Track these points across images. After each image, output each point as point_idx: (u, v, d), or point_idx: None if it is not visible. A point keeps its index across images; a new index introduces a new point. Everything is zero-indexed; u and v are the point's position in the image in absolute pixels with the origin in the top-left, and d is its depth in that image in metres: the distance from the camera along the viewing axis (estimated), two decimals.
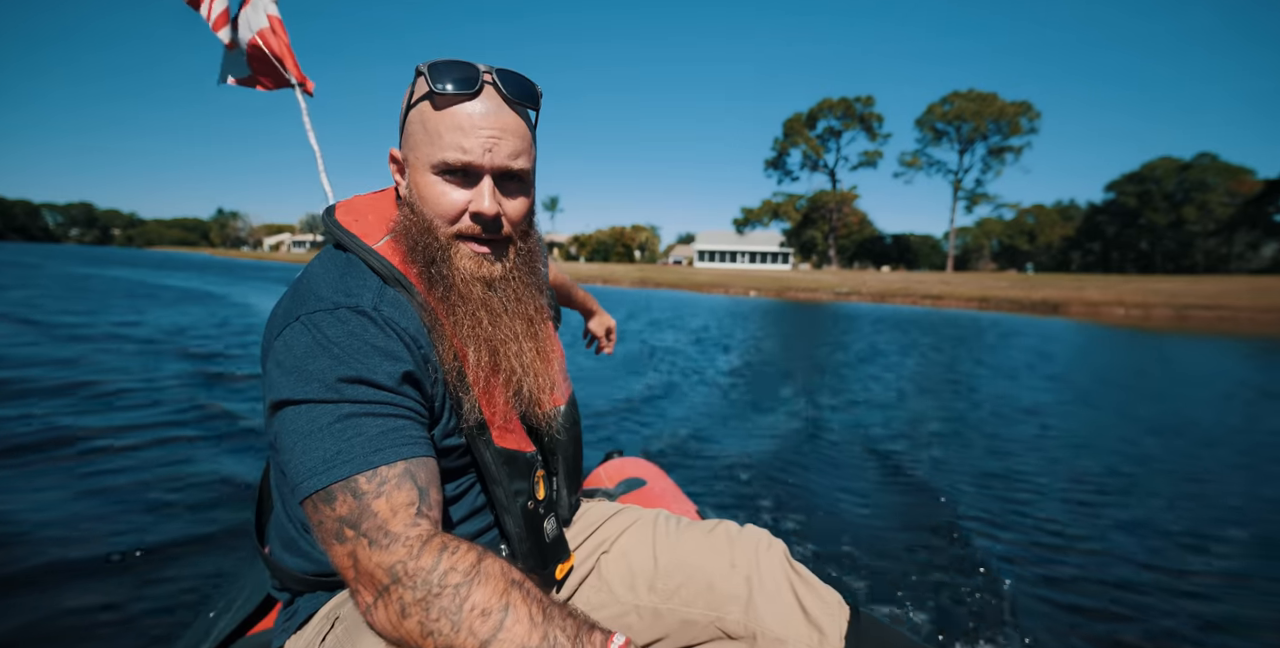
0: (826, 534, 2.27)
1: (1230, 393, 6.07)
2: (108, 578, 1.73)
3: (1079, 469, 3.25)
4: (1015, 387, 6.03)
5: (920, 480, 2.96)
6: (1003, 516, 2.54)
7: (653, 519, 0.89)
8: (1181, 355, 9.67)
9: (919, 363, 7.59)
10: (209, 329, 7.48)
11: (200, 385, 4.26)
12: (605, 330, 1.31)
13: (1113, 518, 2.55)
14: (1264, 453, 3.73)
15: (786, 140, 50.94)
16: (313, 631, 0.68)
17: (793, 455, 3.31)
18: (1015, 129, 45.31)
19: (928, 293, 24.73)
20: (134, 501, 2.23)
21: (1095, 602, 1.85)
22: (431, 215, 0.67)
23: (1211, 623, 1.75)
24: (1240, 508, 2.72)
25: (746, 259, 61.72)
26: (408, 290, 0.66)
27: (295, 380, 0.59)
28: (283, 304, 0.66)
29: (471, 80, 0.64)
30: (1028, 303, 21.93)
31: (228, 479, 2.49)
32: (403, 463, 0.58)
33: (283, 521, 0.72)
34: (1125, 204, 52.92)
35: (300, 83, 1.69)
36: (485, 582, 0.54)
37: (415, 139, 0.67)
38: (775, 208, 53.12)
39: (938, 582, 1.92)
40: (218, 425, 3.28)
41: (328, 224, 0.71)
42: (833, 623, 0.74)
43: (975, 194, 49.68)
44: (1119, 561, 2.13)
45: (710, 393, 5.18)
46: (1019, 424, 4.36)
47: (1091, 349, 10.50)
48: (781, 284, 30.37)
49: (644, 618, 0.80)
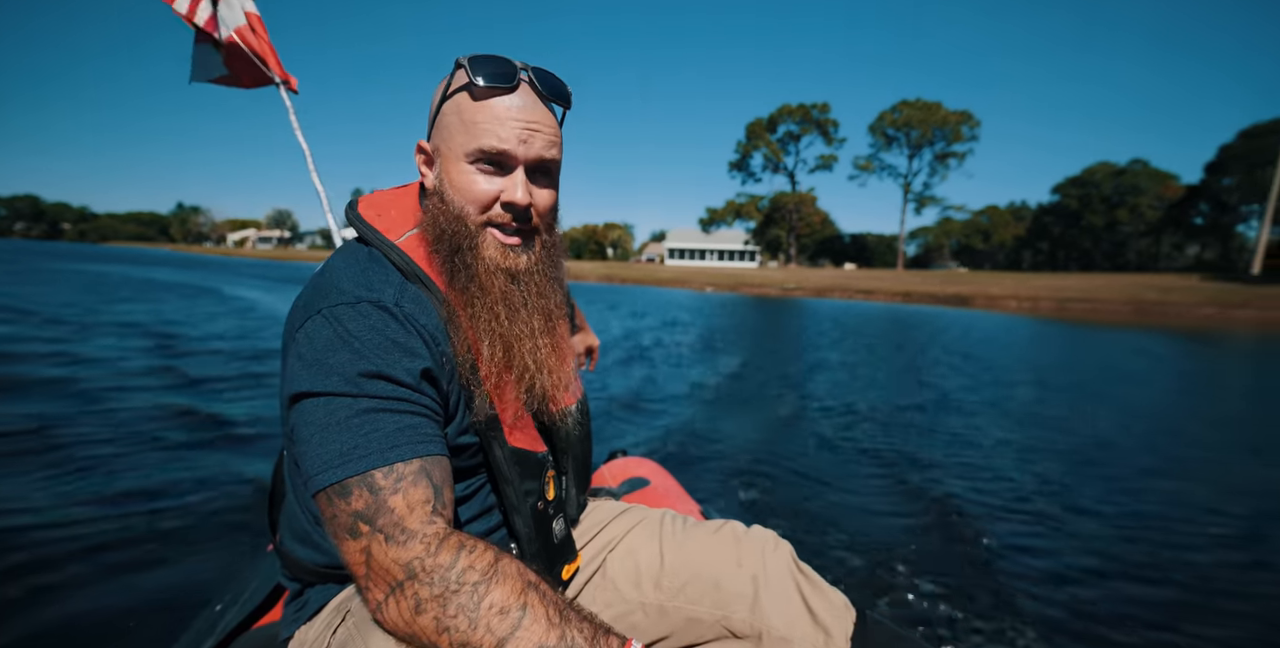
0: (832, 537, 2.27)
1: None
2: (113, 573, 1.74)
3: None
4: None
5: (917, 480, 2.97)
6: (1000, 509, 2.56)
7: (659, 518, 0.90)
8: (1045, 335, 12.54)
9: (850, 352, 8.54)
10: (216, 323, 7.81)
11: (203, 378, 4.32)
12: (586, 349, 1.32)
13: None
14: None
15: (749, 143, 54.19)
16: (322, 623, 0.70)
17: (794, 454, 3.36)
18: (957, 136, 49.42)
19: (860, 288, 27.93)
20: (138, 494, 2.26)
21: (1108, 610, 1.81)
22: (463, 203, 0.69)
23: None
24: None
25: (715, 257, 64.67)
26: (428, 287, 0.68)
27: (315, 373, 0.60)
28: (304, 297, 0.67)
29: (510, 75, 0.67)
30: (942, 297, 25.31)
31: (231, 473, 2.52)
32: (419, 460, 0.59)
33: (295, 512, 0.73)
34: (1068, 206, 57.21)
35: (284, 80, 1.68)
36: (503, 581, 0.55)
37: (450, 129, 0.69)
38: (738, 208, 56.33)
39: (946, 586, 1.91)
40: (224, 418, 3.34)
41: (351, 219, 0.73)
42: (839, 625, 0.75)
43: (923, 196, 53.75)
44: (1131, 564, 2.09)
45: (652, 371, 5.83)
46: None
47: (962, 331, 12.83)
48: (736, 280, 33.39)
49: (650, 616, 0.81)
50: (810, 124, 52.21)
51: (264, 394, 4.09)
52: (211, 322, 8.10)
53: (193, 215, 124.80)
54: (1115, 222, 54.86)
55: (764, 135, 53.43)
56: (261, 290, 14.81)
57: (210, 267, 29.53)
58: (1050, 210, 60.32)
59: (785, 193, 54.26)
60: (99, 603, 1.61)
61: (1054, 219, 59.96)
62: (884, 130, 50.81)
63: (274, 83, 1.68)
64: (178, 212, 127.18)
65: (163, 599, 1.64)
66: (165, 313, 8.69)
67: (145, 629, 1.51)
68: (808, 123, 52.18)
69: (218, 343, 6.28)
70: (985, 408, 4.81)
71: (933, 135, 49.41)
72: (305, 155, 1.63)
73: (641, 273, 39.45)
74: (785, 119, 52.79)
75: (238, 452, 2.86)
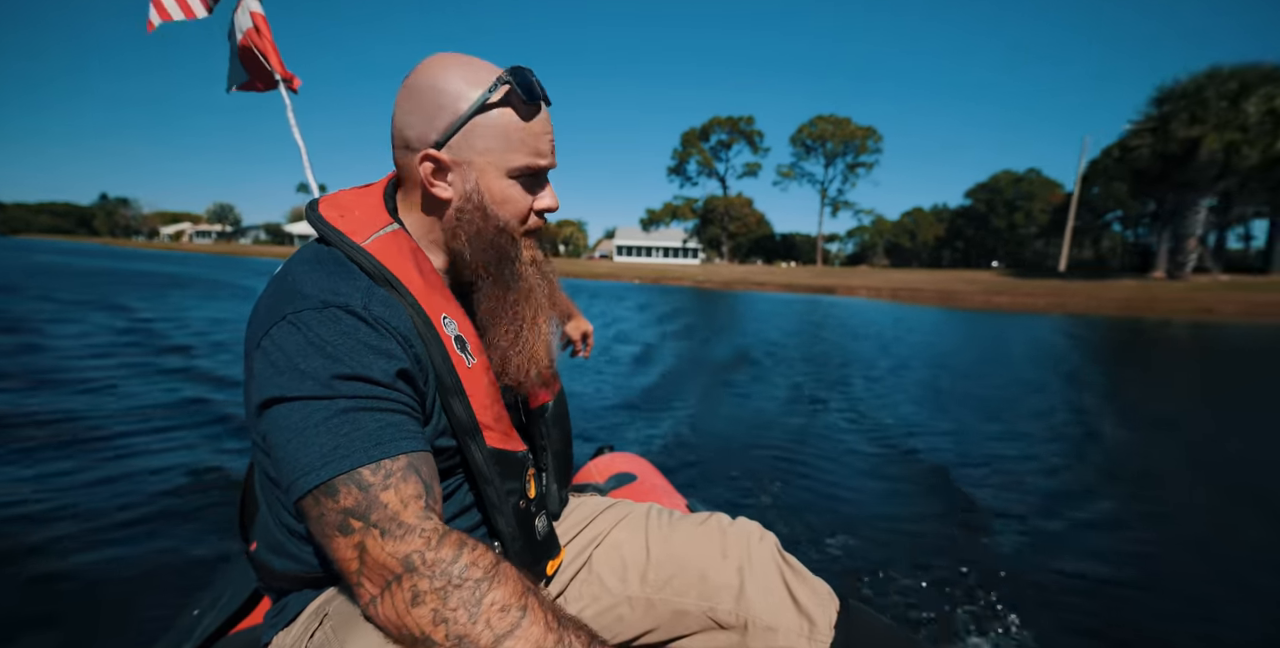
0: (816, 528, 2.37)
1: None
2: (88, 574, 1.73)
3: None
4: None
5: (910, 471, 3.15)
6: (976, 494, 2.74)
7: (645, 512, 0.93)
8: (868, 310, 18.29)
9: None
10: (185, 320, 7.79)
11: (177, 376, 4.33)
12: (582, 335, 1.35)
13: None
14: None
15: (684, 151, 61.19)
16: (300, 627, 0.71)
17: (781, 448, 3.52)
18: (864, 149, 57.91)
19: (756, 281, 34.96)
20: (113, 495, 2.25)
21: (1084, 588, 1.95)
22: (508, 216, 0.73)
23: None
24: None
25: (660, 254, 71.15)
26: (397, 290, 0.68)
27: (288, 378, 0.59)
28: (265, 302, 0.66)
29: (541, 88, 0.71)
30: (818, 287, 32.71)
31: (211, 474, 2.55)
32: (405, 457, 0.60)
33: (269, 524, 0.73)
34: (978, 210, 66.51)
35: (286, 79, 1.74)
36: (504, 582, 0.57)
37: (487, 144, 0.70)
38: (674, 210, 63.36)
39: (925, 574, 2.01)
40: (201, 417, 3.37)
41: (312, 220, 0.72)
42: (823, 613, 0.79)
43: (837, 201, 62.19)
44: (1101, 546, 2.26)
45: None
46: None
47: (805, 313, 17.51)
48: (659, 274, 39.95)
49: (636, 609, 0.84)
50: (738, 134, 59.64)
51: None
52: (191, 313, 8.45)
53: (119, 207, 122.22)
54: (1014, 224, 64.44)
55: (697, 144, 60.60)
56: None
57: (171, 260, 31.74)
58: (962, 213, 69.47)
59: (717, 196, 61.69)
60: (73, 606, 1.61)
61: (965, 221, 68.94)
62: (803, 141, 58.75)
63: (277, 82, 1.76)
64: (102, 203, 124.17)
65: (139, 602, 1.63)
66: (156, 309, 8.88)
67: (122, 632, 1.51)
68: (736, 133, 59.61)
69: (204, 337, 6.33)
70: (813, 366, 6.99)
71: (843, 148, 57.78)
72: (301, 153, 1.69)
73: (581, 268, 45.56)
74: (716, 129, 60.06)
75: (218, 450, 2.88)
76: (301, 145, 1.69)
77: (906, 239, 77.91)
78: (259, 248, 75.29)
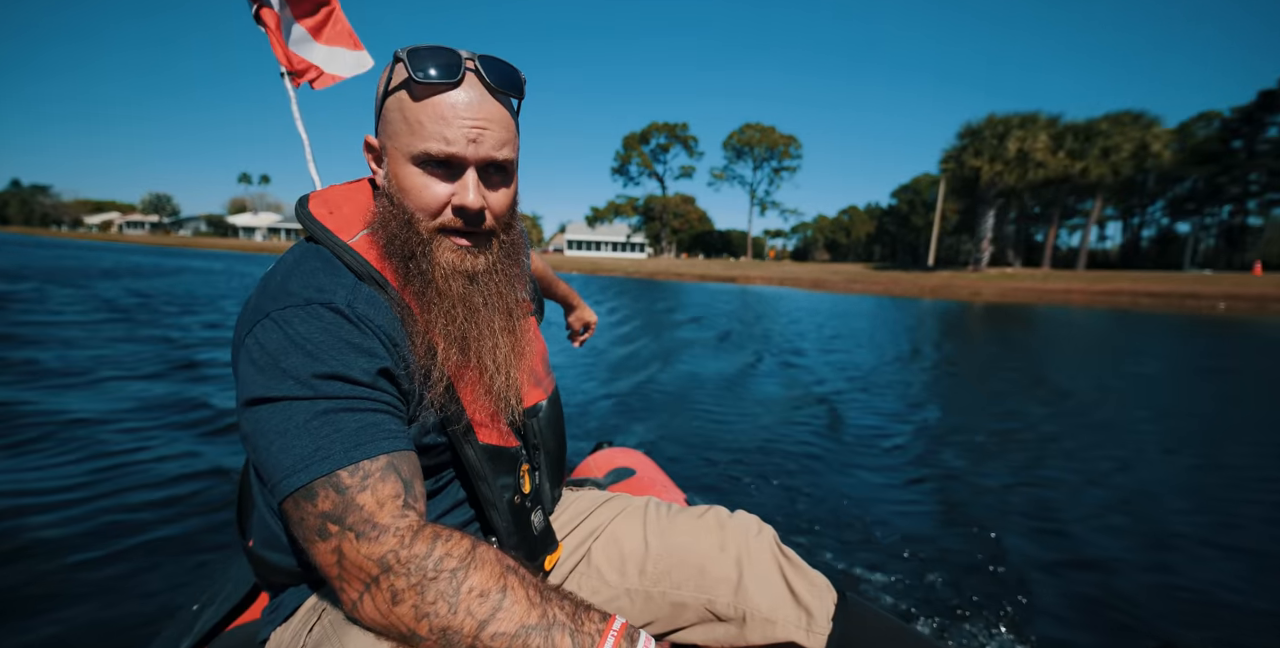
0: (813, 521, 2.45)
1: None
2: (87, 571, 1.79)
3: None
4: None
5: (906, 469, 3.25)
6: (974, 491, 2.85)
7: (643, 506, 0.96)
8: (750, 295, 24.97)
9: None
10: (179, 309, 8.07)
11: (175, 372, 4.47)
12: (583, 325, 1.39)
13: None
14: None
15: (626, 153, 69.40)
16: (299, 622, 0.73)
17: (777, 443, 3.65)
18: (786, 155, 67.67)
19: (676, 272, 43.57)
20: (112, 490, 2.33)
21: (1077, 579, 2.03)
22: (413, 208, 0.69)
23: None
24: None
25: (609, 248, 78.39)
26: (383, 288, 0.69)
27: (269, 378, 0.61)
28: (252, 300, 0.68)
29: (454, 67, 0.66)
30: (725, 277, 41.75)
31: (209, 469, 2.61)
32: (385, 457, 0.62)
33: (265, 517, 0.76)
34: (901, 209, 76.86)
35: (292, 73, 1.83)
36: (481, 567, 0.59)
37: (394, 128, 0.69)
38: (617, 207, 71.61)
39: (922, 566, 2.11)
40: (197, 414, 3.43)
41: (300, 216, 0.74)
42: (821, 605, 0.82)
43: (764, 202, 71.81)
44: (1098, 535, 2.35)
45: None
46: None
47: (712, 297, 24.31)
48: (594, 266, 48.24)
49: (635, 602, 0.87)
50: (675, 139, 67.94)
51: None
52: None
53: (36, 194, 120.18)
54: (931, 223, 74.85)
55: (637, 147, 68.47)
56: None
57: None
58: (888, 212, 79.56)
59: (656, 196, 70.15)
60: (73, 602, 1.65)
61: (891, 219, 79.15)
62: (734, 146, 67.61)
63: (282, 74, 1.81)
64: (16, 190, 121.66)
65: (139, 598, 1.68)
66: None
67: (122, 628, 1.55)
68: (672, 138, 67.88)
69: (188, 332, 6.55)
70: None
71: (769, 153, 67.29)
72: (304, 146, 1.69)
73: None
74: (655, 134, 68.10)
75: (218, 446, 2.94)
76: (305, 139, 1.73)
77: (843, 236, 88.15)
78: (205, 240, 77.02)
